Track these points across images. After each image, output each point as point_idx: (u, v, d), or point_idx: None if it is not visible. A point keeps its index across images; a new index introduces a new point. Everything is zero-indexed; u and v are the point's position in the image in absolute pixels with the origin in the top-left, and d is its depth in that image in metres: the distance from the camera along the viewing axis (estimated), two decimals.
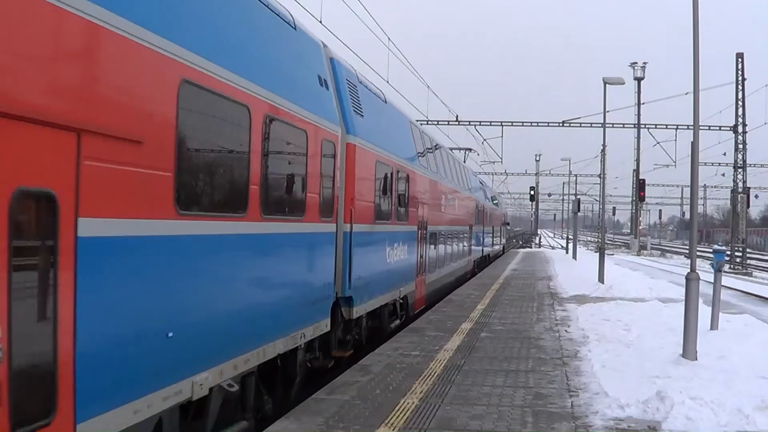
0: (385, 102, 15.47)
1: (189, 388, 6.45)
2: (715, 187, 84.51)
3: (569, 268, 36.01)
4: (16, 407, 4.31)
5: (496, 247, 49.36)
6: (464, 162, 34.93)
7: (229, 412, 7.56)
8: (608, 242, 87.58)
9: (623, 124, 56.37)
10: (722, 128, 52.58)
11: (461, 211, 27.79)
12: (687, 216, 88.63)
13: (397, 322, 15.84)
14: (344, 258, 11.53)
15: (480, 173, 53.39)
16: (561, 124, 54.24)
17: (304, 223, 9.54)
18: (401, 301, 16.18)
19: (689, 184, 12.91)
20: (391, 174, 14.82)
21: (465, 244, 29.11)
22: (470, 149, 42.72)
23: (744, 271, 47.96)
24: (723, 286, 15.49)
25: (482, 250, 37.44)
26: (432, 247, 20.15)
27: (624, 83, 29.15)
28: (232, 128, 7.42)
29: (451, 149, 30.73)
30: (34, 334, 4.55)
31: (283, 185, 8.98)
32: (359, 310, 12.35)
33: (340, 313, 11.65)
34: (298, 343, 9.49)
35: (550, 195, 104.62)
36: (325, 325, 10.63)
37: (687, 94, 34.82)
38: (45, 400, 4.61)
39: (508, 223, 71.78)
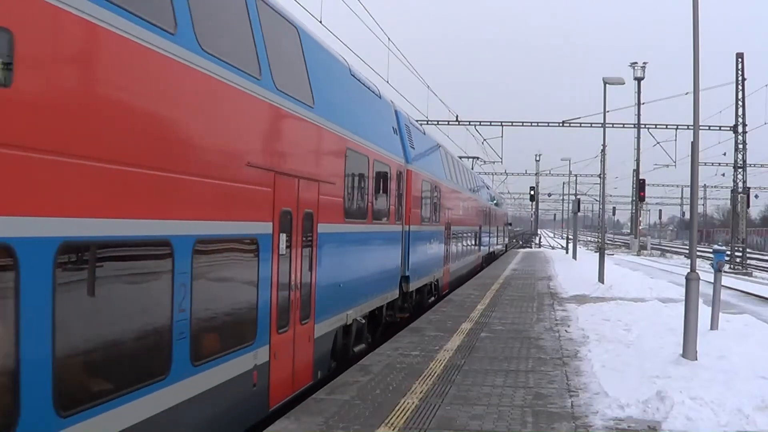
0: (424, 134, 20.89)
1: (345, 317, 11.74)
2: (715, 187, 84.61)
3: (569, 268, 36.02)
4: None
5: (500, 246, 54.77)
6: (472, 168, 39.87)
7: (357, 337, 12.83)
8: (608, 242, 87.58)
9: (623, 124, 56.36)
10: (722, 128, 52.57)
11: (473, 214, 32.64)
12: (687, 216, 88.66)
13: (432, 299, 20.63)
14: (405, 249, 16.57)
15: (480, 173, 53.53)
16: (561, 124, 54.24)
17: (389, 225, 15.11)
18: (435, 283, 21.16)
19: (689, 184, 12.92)
20: (429, 188, 19.80)
21: (476, 241, 34.07)
22: (477, 157, 49.90)
23: (744, 271, 47.95)
24: (723, 286, 15.50)
25: (489, 248, 42.30)
26: (453, 243, 24.84)
27: (624, 83, 29.17)
28: (361, 170, 12.73)
29: (460, 157, 35.18)
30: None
31: (381, 200, 14.24)
32: (413, 286, 17.34)
33: (401, 287, 16.56)
34: (384, 302, 14.91)
35: (550, 195, 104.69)
36: (395, 294, 16.00)
37: (687, 94, 34.83)
38: (307, 311, 9.82)
39: (510, 224, 76.51)
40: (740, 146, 52.79)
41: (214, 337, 7.15)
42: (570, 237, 56.30)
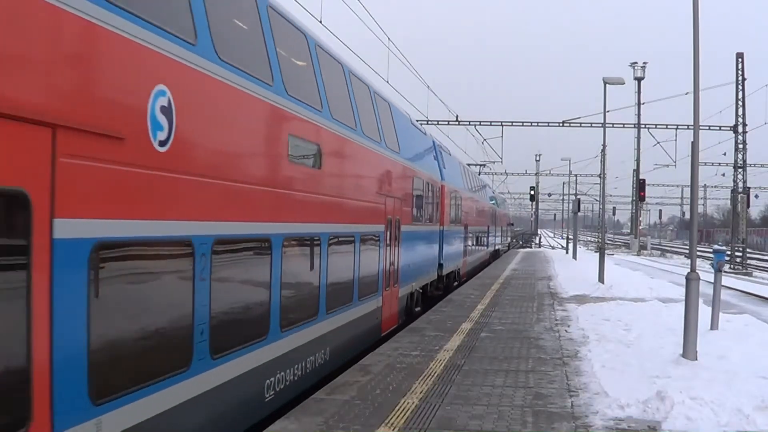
0: (450, 154, 26.98)
1: (411, 287, 17.42)
2: (715, 187, 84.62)
3: (569, 268, 36.01)
4: (400, 282, 16.19)
5: (504, 244, 62.03)
6: (479, 174, 45.97)
7: (416, 303, 18.53)
8: (608, 242, 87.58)
9: (623, 124, 56.35)
10: (722, 128, 52.55)
11: (483, 216, 38.40)
12: (687, 216, 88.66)
13: (456, 283, 26.18)
14: (440, 243, 22.07)
15: (481, 173, 53.65)
16: (561, 124, 54.22)
17: (432, 226, 20.82)
18: (457, 271, 26.84)
19: (689, 184, 12.91)
20: (455, 197, 25.33)
21: (485, 240, 40.09)
22: (484, 164, 56.30)
23: (744, 271, 47.92)
24: (723, 286, 15.50)
25: (494, 245, 49.02)
26: (470, 240, 30.82)
27: (624, 83, 29.18)
28: (419, 189, 18.02)
29: (468, 165, 40.05)
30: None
31: (428, 208, 19.94)
32: (445, 271, 22.97)
33: (438, 272, 22.07)
34: (429, 281, 20.65)
35: (550, 195, 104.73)
36: (435, 276, 21.67)
37: (687, 94, 34.84)
38: (396, 279, 15.65)
39: (512, 224, 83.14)
40: (740, 146, 52.78)
41: (367, 287, 13.15)
42: (570, 237, 56.29)
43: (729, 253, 48.18)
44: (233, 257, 7.49)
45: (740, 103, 51.47)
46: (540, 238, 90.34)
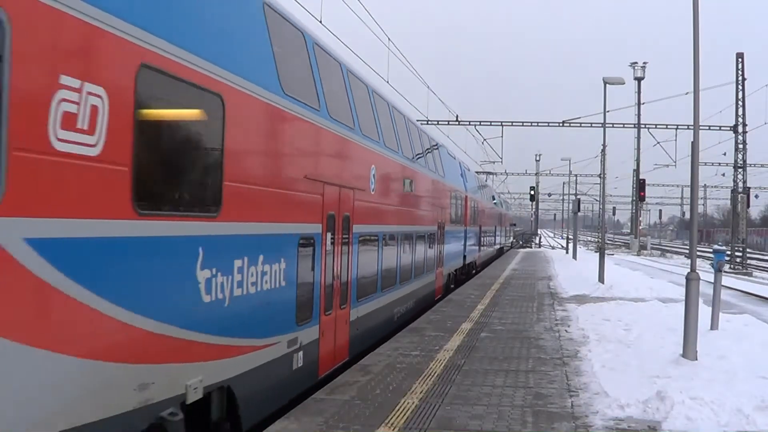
0: (469, 170, 34.04)
1: (449, 270, 24.53)
2: (715, 187, 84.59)
3: (569, 268, 36.01)
4: (443, 265, 23.46)
5: (508, 242, 69.63)
6: (486, 181, 52.86)
7: (451, 281, 25.70)
8: (608, 242, 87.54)
9: (623, 124, 56.34)
10: (722, 128, 52.53)
11: (492, 218, 45.36)
12: (687, 216, 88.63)
13: (473, 272, 32.95)
14: (464, 240, 28.49)
15: (481, 173, 53.81)
16: (561, 124, 54.22)
17: (460, 226, 26.96)
18: (473, 263, 33.23)
19: (689, 184, 12.91)
20: (473, 204, 31.83)
21: (494, 238, 47.29)
22: (492, 173, 66.72)
23: (744, 271, 47.91)
24: (723, 286, 15.49)
25: (501, 243, 56.20)
26: (483, 239, 37.07)
27: (624, 83, 29.14)
28: (454, 200, 24.96)
29: (477, 173, 47.04)
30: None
31: (458, 213, 26.24)
32: (467, 261, 29.81)
33: (462, 261, 28.67)
34: (458, 267, 27.00)
35: (550, 195, 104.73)
36: (461, 264, 27.90)
37: (687, 94, 34.81)
38: (441, 262, 22.93)
39: (514, 224, 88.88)
40: (740, 146, 52.76)
41: (429, 267, 19.87)
42: (570, 237, 56.28)
43: (729, 253, 48.17)
44: (393, 242, 15.37)
45: (740, 103, 51.45)
46: (540, 238, 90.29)
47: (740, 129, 52.18)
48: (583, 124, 53.34)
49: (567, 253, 55.88)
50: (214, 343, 6.76)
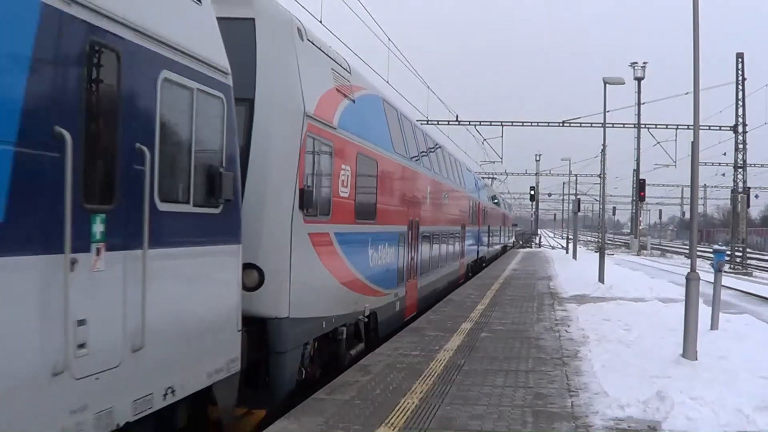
0: (481, 179, 44.65)
1: (468, 260, 30.12)
2: (715, 187, 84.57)
3: (569, 268, 36.01)
4: (465, 256, 29.89)
5: (511, 240, 73.18)
6: (491, 185, 62.50)
7: (468, 271, 30.95)
8: (608, 242, 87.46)
9: (623, 124, 56.37)
10: (722, 128, 52.54)
11: (498, 219, 49.74)
12: (687, 216, 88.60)
13: (484, 264, 38.03)
14: (478, 237, 33.96)
15: (481, 173, 53.93)
16: (561, 124, 54.26)
17: (476, 226, 32.69)
18: (484, 257, 38.29)
19: (689, 184, 12.91)
20: (484, 208, 36.87)
21: (500, 237, 52.72)
22: (495, 178, 72.68)
23: (744, 271, 47.90)
24: (723, 286, 15.49)
25: (505, 241, 61.28)
26: (491, 237, 42.78)
27: (624, 83, 29.18)
28: (473, 208, 31.74)
29: (484, 178, 56.26)
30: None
31: (474, 217, 32.00)
32: (479, 255, 35.10)
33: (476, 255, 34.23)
34: (473, 260, 32.83)
35: (550, 195, 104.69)
36: (476, 257, 33.83)
37: (687, 94, 34.81)
38: (463, 253, 28.69)
39: (516, 225, 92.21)
40: (740, 146, 52.77)
41: (456, 257, 25.87)
42: (570, 237, 56.29)
43: (729, 253, 48.16)
44: (437, 238, 20.83)
45: (740, 103, 51.46)
46: (540, 238, 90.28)
47: (740, 129, 52.18)
48: (583, 124, 53.39)
49: (567, 253, 55.87)
50: (372, 288, 12.93)
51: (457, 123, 49.95)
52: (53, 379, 4.76)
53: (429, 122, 42.72)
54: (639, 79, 60.04)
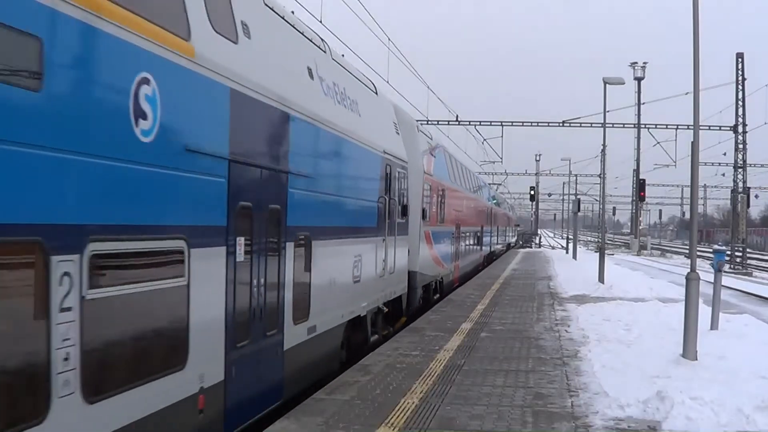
0: (492, 185, 59.22)
1: (484, 253, 39.31)
2: (715, 187, 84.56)
3: (569, 268, 36.01)
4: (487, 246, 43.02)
5: (513, 239, 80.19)
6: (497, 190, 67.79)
7: (485, 261, 40.81)
8: (608, 242, 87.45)
9: (623, 124, 56.30)
10: (722, 128, 52.49)
11: (502, 220, 56.64)
12: (687, 216, 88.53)
13: (494, 258, 45.30)
14: (490, 236, 42.67)
15: (481, 173, 54.05)
16: (561, 124, 54.21)
17: (489, 226, 41.04)
18: (494, 252, 47.40)
19: (689, 184, 12.91)
20: (494, 211, 45.40)
21: (504, 235, 60.06)
22: (500, 184, 77.90)
23: (744, 271, 47.89)
24: (723, 286, 15.50)
25: (508, 240, 69.50)
26: (498, 236, 50.62)
27: (624, 83, 29.20)
28: (487, 211, 40.76)
29: (490, 184, 57.78)
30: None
31: (487, 218, 40.66)
32: (492, 249, 45.19)
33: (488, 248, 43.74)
34: (487, 253, 41.30)
35: (550, 195, 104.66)
36: (489, 251, 42.39)
37: (687, 94, 34.80)
38: (482, 249, 39.12)
39: (518, 225, 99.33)
40: (740, 146, 52.73)
41: (479, 249, 35.72)
42: (570, 237, 56.30)
43: (729, 253, 48.15)
44: (470, 235, 30.80)
45: (740, 103, 51.44)
46: (540, 238, 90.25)
47: (740, 129, 52.15)
48: (583, 124, 53.32)
49: (567, 253, 55.88)
50: (442, 263, 21.82)
51: (457, 123, 49.90)
52: (380, 278, 13.89)
53: (429, 122, 42.66)
54: (639, 79, 60.06)
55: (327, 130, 10.40)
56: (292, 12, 10.18)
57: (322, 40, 11.24)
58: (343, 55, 12.66)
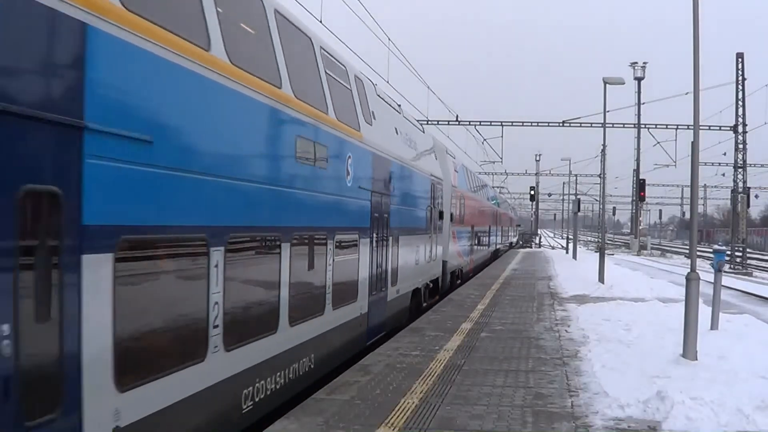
0: (497, 190, 65.18)
1: (494, 247, 48.88)
2: (715, 187, 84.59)
3: (569, 267, 36.00)
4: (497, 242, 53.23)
5: (515, 239, 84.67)
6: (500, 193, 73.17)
7: (496, 254, 51.29)
8: (608, 242, 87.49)
9: (623, 124, 56.29)
10: (722, 128, 52.49)
11: (506, 220, 62.54)
12: (687, 216, 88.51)
13: (499, 255, 52.58)
14: (496, 235, 50.43)
15: (481, 173, 54.12)
16: (561, 124, 54.19)
17: (496, 226, 48.88)
18: (500, 249, 54.51)
19: (689, 184, 12.91)
20: (499, 213, 51.56)
21: (507, 234, 67.06)
22: (502, 187, 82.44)
23: (744, 271, 47.89)
24: (723, 286, 15.49)
25: (511, 239, 75.62)
26: (503, 235, 57.66)
27: (624, 83, 29.18)
28: (496, 213, 49.13)
29: (495, 188, 63.91)
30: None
31: (495, 219, 48.36)
32: (497, 246, 51.76)
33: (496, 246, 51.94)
34: (494, 249, 48.88)
35: (550, 195, 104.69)
36: (495, 248, 49.62)
37: (687, 94, 34.78)
38: (492, 245, 47.63)
39: (519, 225, 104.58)
40: (740, 146, 52.75)
41: (490, 245, 44.10)
42: (570, 237, 56.32)
43: (729, 253, 48.16)
44: (484, 233, 38.41)
45: (740, 103, 51.46)
46: (540, 238, 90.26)
47: (740, 129, 52.17)
48: (583, 124, 53.31)
49: (567, 253, 55.88)
50: (462, 257, 27.97)
51: (457, 123, 49.88)
52: (428, 263, 19.86)
53: (429, 122, 42.66)
54: (639, 79, 60.05)
55: (404, 165, 16.18)
56: (374, 84, 15.11)
57: (398, 105, 17.52)
58: (399, 105, 17.90)
